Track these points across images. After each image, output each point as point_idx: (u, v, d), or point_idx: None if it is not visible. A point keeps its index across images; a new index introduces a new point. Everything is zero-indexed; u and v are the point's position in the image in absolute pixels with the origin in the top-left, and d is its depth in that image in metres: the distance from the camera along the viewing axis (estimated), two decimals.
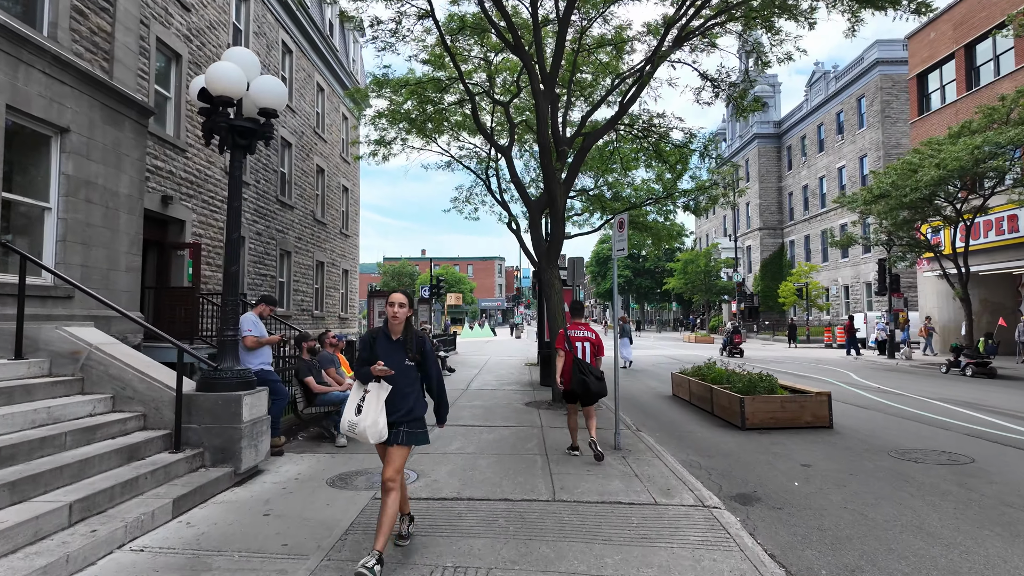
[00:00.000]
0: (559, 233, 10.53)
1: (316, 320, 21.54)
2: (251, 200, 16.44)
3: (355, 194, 27.18)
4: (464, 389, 12.99)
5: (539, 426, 8.55)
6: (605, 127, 10.27)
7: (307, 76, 21.01)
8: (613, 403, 7.58)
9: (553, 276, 10.67)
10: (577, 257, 9.61)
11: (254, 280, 16.58)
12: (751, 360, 22.62)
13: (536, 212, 11.18)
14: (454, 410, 9.90)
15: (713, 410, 9.99)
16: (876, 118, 40.16)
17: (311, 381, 7.19)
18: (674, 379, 12.69)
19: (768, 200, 53.54)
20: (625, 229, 6.99)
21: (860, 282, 41.96)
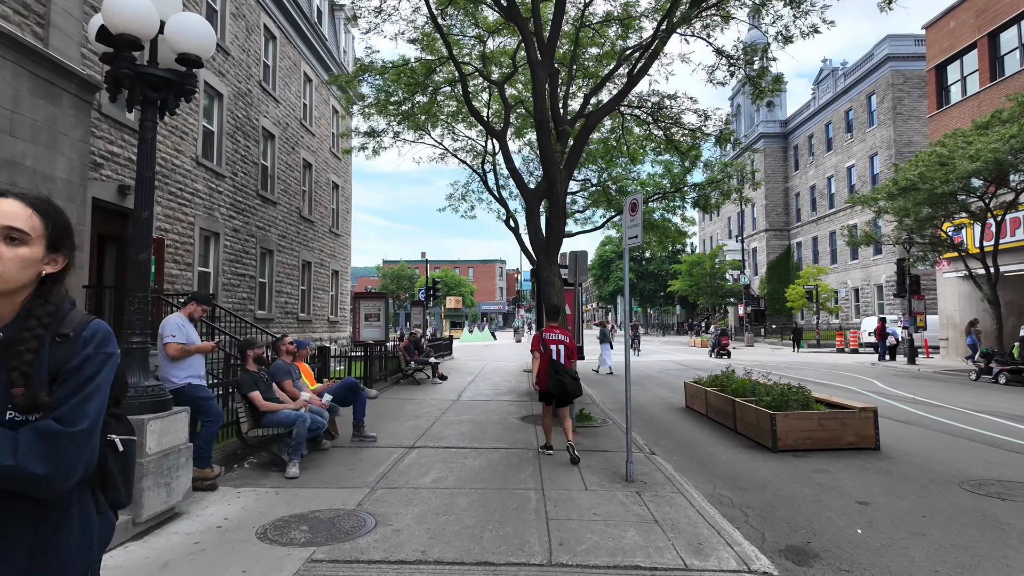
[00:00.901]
0: (559, 225, 9.28)
1: (302, 324, 20.29)
2: (227, 193, 15.21)
3: (346, 191, 25.95)
4: (454, 400, 11.71)
5: (535, 448, 7.27)
6: (612, 102, 9.01)
7: (293, 65, 19.81)
8: (625, 423, 6.30)
9: (552, 273, 9.41)
10: (579, 251, 8.36)
11: (230, 280, 15.33)
12: (763, 366, 21.30)
13: (534, 202, 9.93)
14: (438, 427, 8.63)
15: (736, 427, 8.71)
16: (887, 115, 38.92)
17: (256, 397, 5.92)
18: (688, 389, 11.40)
19: (774, 201, 52.29)
20: (639, 213, 5.74)
21: (871, 284, 40.68)
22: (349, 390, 7.36)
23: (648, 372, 19.49)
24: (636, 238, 5.79)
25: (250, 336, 6.33)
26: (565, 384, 6.65)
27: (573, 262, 8.34)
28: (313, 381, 7.50)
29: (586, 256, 8.43)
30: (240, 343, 6.31)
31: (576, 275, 8.34)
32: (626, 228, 5.93)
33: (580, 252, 8.37)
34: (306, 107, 21.25)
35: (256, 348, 6.26)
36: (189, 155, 13.51)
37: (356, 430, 7.46)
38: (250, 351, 6.17)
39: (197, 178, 13.83)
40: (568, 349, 6.91)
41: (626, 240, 5.94)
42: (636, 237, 5.78)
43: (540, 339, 6.94)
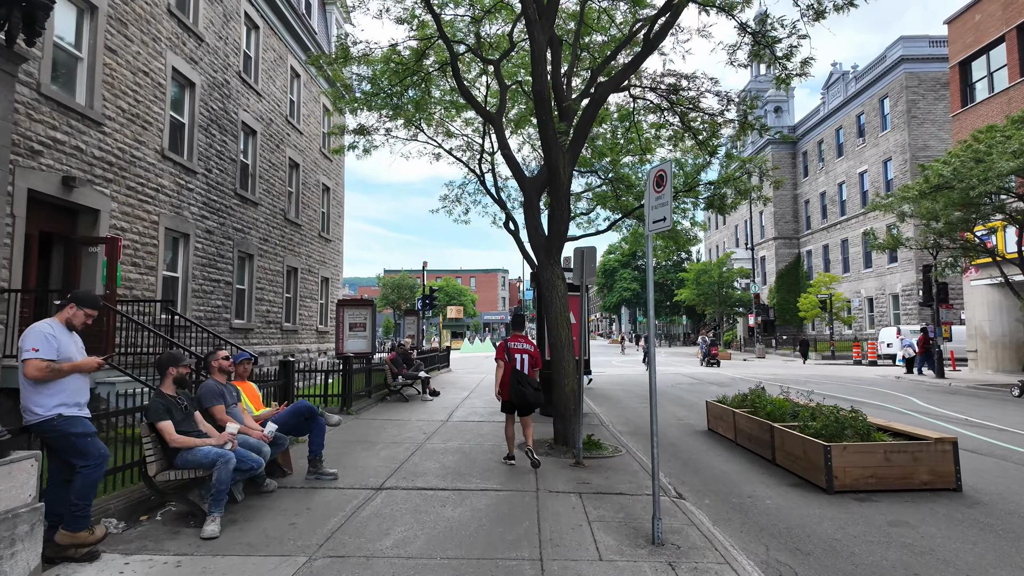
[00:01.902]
0: (562, 218, 7.90)
1: (287, 335, 18.91)
2: (199, 191, 13.88)
3: (338, 195, 24.66)
4: (443, 421, 10.28)
5: (533, 490, 5.83)
6: (627, 69, 7.63)
7: (278, 58, 18.58)
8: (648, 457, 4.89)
9: (554, 275, 8.03)
10: (586, 247, 6.97)
11: (201, 286, 13.97)
12: (779, 380, 19.82)
13: (533, 193, 8.56)
14: (418, 458, 7.20)
15: (775, 458, 7.26)
16: (901, 119, 37.62)
17: (166, 428, 4.52)
18: (711, 410, 9.96)
19: (783, 208, 50.95)
20: (666, 188, 4.37)
21: (886, 294, 39.16)
22: (302, 416, 5.95)
23: (659, 387, 18.02)
24: (664, 221, 4.41)
25: (173, 351, 4.92)
26: (526, 395, 6.74)
27: (579, 261, 6.95)
28: (259, 405, 6.10)
29: (595, 253, 7.04)
30: (160, 359, 4.92)
31: (583, 276, 6.95)
32: (649, 210, 4.56)
33: (587, 248, 6.99)
34: (293, 103, 19.99)
35: (181, 366, 4.86)
36: (153, 147, 12.19)
37: (312, 465, 6.05)
38: (172, 369, 4.78)
39: (163, 173, 12.51)
40: (532, 359, 7.02)
41: (649, 225, 4.57)
42: (664, 220, 4.40)
43: (505, 348, 6.97)
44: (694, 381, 19.54)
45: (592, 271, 6.94)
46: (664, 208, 4.40)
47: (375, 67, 14.02)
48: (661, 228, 4.45)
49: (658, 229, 4.48)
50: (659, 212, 4.45)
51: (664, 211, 4.39)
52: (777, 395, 8.74)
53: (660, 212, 4.44)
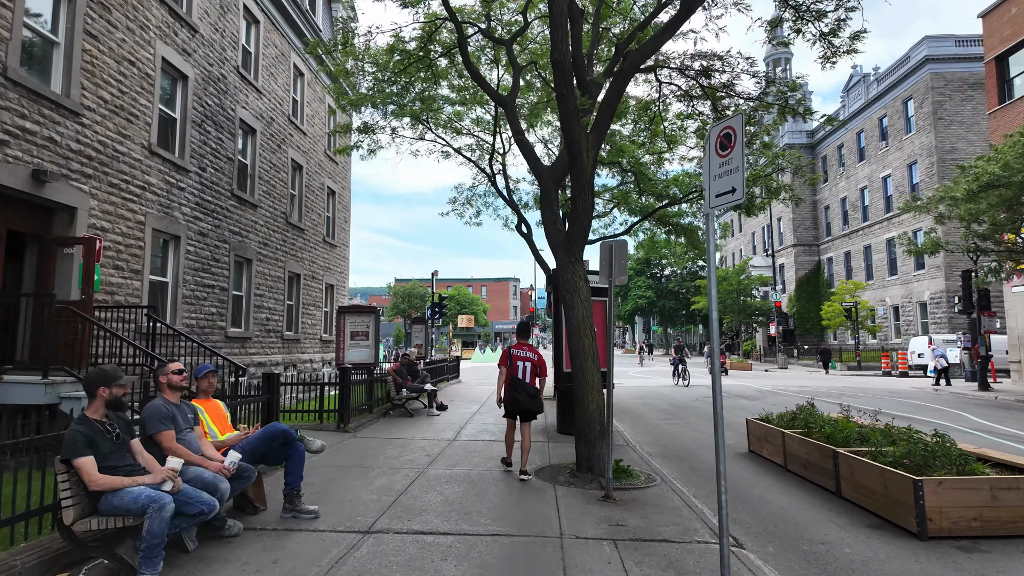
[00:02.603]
0: (584, 210, 6.85)
1: (288, 344, 17.97)
2: (191, 191, 13.00)
3: (344, 199, 23.79)
4: (449, 441, 9.22)
5: (556, 535, 4.74)
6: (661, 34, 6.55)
7: (280, 55, 17.77)
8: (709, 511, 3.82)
9: (575, 276, 6.97)
10: (616, 240, 5.93)
11: (193, 292, 13.05)
12: (809, 392, 18.56)
13: (550, 183, 7.53)
14: (418, 490, 6.13)
15: (840, 490, 6.12)
16: (927, 121, 36.29)
17: (85, 466, 3.50)
18: (753, 430, 8.81)
19: (802, 215, 49.61)
20: (737, 147, 3.32)
21: (913, 302, 37.64)
22: (275, 442, 4.92)
23: (680, 399, 16.83)
24: (733, 193, 3.36)
25: (105, 365, 3.88)
26: (520, 401, 6.77)
27: (607, 256, 5.89)
28: (226, 427, 5.07)
29: (625, 248, 5.98)
30: (87, 376, 3.90)
31: (612, 273, 5.88)
32: (711, 180, 3.52)
33: (617, 242, 5.93)
34: (296, 103, 19.17)
35: (115, 385, 3.85)
36: (139, 141, 11.32)
37: (289, 501, 5.01)
38: (103, 390, 3.76)
39: (150, 170, 11.63)
40: (535, 367, 6.95)
41: (711, 200, 3.52)
42: (733, 192, 3.35)
43: (507, 354, 7.02)
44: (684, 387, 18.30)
45: (622, 268, 5.88)
46: (733, 176, 3.35)
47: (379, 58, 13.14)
48: (729, 202, 3.40)
49: (725, 203, 3.44)
50: (725, 182, 3.40)
51: (733, 180, 3.35)
52: (834, 413, 7.59)
53: (727, 182, 3.39)
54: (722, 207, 3.52)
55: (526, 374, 6.89)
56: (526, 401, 6.78)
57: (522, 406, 6.79)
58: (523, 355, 6.97)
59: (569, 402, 9.86)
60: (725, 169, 3.45)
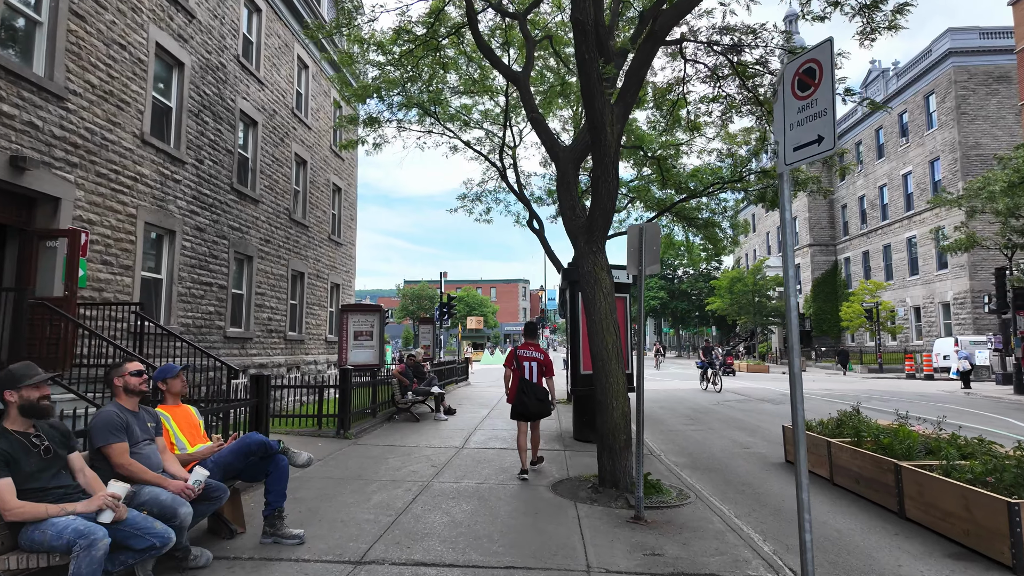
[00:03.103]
0: (608, 191, 6.11)
1: (291, 344, 17.34)
2: (188, 183, 12.39)
3: (351, 196, 23.17)
4: (458, 449, 8.50)
5: (584, 568, 4.00)
6: None
7: (283, 45, 17.17)
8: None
9: (596, 266, 6.24)
10: (647, 223, 5.19)
11: (190, 290, 12.43)
12: (835, 395, 17.68)
13: (568, 164, 6.80)
14: (423, 504, 5.40)
15: (904, 509, 5.34)
16: (950, 116, 35.20)
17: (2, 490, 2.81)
18: (790, 438, 8.00)
19: (818, 214, 48.57)
20: (823, 84, 2.59)
21: (935, 302, 36.51)
22: (252, 456, 4.22)
23: (702, 403, 16.01)
24: (820, 142, 2.61)
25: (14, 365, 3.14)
26: (528, 404, 6.81)
27: (637, 241, 5.14)
28: (197, 436, 4.37)
29: (658, 232, 5.23)
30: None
31: (643, 261, 5.14)
32: (785, 131, 2.78)
33: (649, 225, 5.18)
34: (300, 96, 18.57)
35: (25, 386, 3.13)
36: (131, 130, 10.71)
37: (270, 524, 4.30)
38: (9, 393, 3.06)
39: (142, 160, 11.02)
40: (541, 366, 6.96)
41: (786, 156, 2.78)
42: (820, 141, 2.60)
43: (514, 355, 7.06)
44: (741, 398, 17.47)
45: (655, 255, 5.13)
46: (819, 122, 2.61)
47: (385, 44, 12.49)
48: (813, 155, 2.66)
49: (807, 157, 2.70)
50: (808, 130, 2.66)
51: (819, 126, 2.60)
52: (883, 420, 6.80)
53: (810, 129, 2.65)
54: (804, 162, 2.79)
55: (533, 374, 6.91)
56: (535, 405, 6.80)
57: (530, 408, 6.81)
58: (530, 355, 6.99)
59: (587, 407, 9.13)
60: (808, 114, 2.72)
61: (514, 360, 7.01)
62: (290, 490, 5.69)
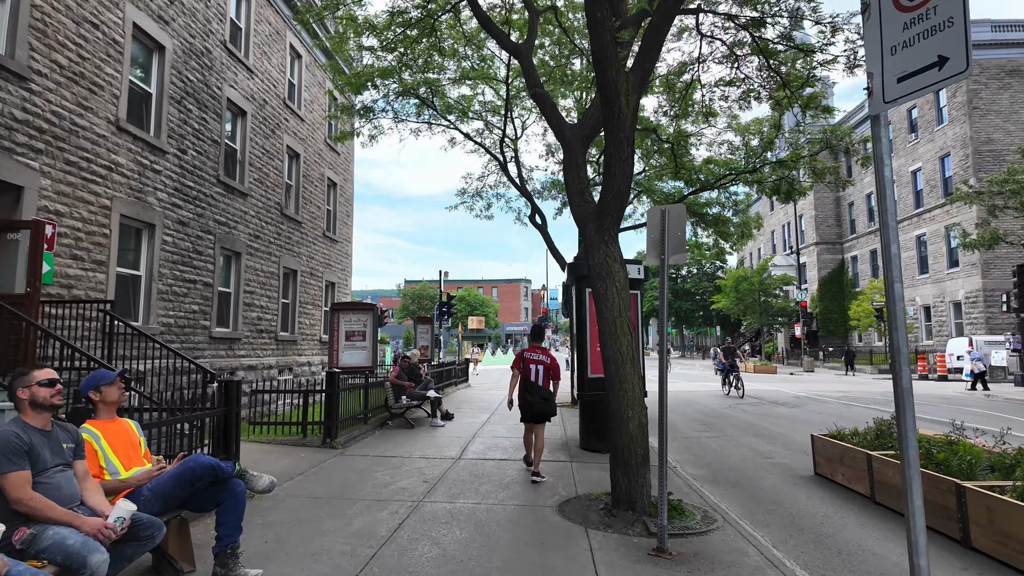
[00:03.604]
0: (622, 171, 5.37)
1: (283, 345, 16.62)
2: (169, 174, 11.67)
3: (347, 192, 22.45)
4: (454, 460, 7.76)
5: None
6: None
7: (274, 32, 16.45)
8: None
9: (608, 257, 5.51)
10: (672, 206, 4.45)
11: (172, 287, 11.70)
12: (850, 398, 16.92)
13: (576, 144, 6.06)
14: (411, 531, 4.66)
15: (969, 538, 4.60)
16: (961, 111, 34.41)
17: None
18: (821, 448, 7.26)
19: (824, 212, 47.79)
20: None
21: (946, 302, 35.72)
22: (198, 482, 3.47)
23: (712, 407, 15.25)
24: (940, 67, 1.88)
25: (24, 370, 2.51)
26: (533, 405, 6.81)
27: (659, 225, 4.41)
28: (136, 458, 3.64)
29: (683, 215, 4.49)
30: None
31: (665, 249, 4.40)
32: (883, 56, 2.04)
33: (673, 207, 4.45)
34: (293, 87, 17.85)
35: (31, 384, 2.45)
36: (104, 115, 9.98)
37: (220, 563, 3.56)
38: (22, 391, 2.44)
39: (118, 148, 10.30)
40: (547, 370, 6.99)
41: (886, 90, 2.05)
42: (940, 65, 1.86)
43: (520, 358, 7.10)
44: (753, 400, 16.71)
45: (679, 243, 4.39)
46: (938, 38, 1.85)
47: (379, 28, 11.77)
48: (934, 84, 1.93)
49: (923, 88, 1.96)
50: (917, 53, 1.86)
51: (939, 43, 1.80)
52: (928, 430, 6.05)
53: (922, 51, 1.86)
54: (917, 95, 2.06)
55: (539, 377, 6.90)
56: (539, 404, 6.80)
57: (535, 409, 6.81)
58: (536, 358, 6.99)
59: (595, 414, 8.40)
60: (921, 28, 1.98)
61: (520, 363, 7.03)
62: (261, 512, 4.97)
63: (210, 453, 5.83)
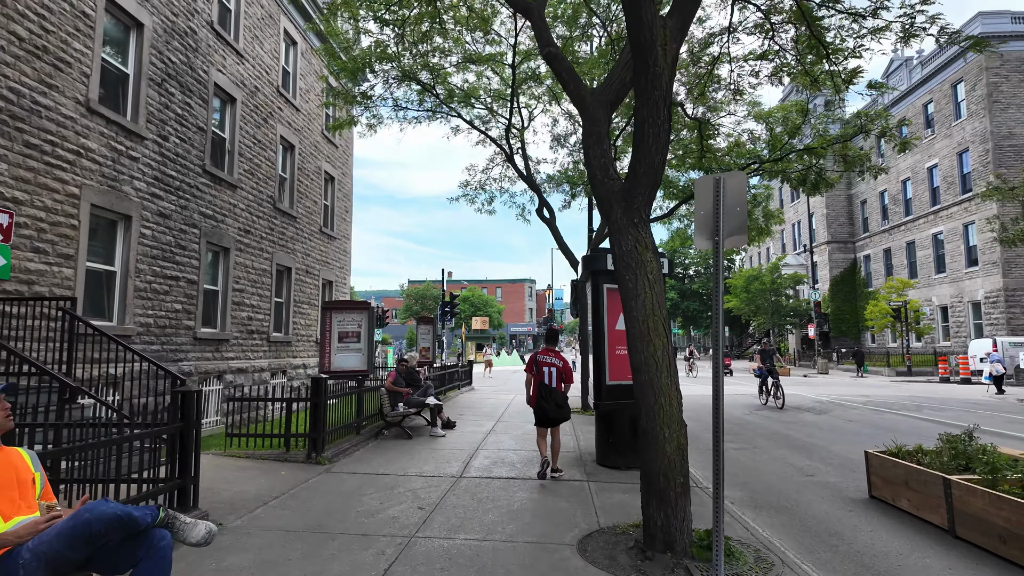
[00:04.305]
0: (657, 139, 4.43)
1: (276, 347, 15.72)
2: (148, 162, 10.78)
3: (345, 187, 21.55)
4: (455, 479, 6.82)
5: None
6: None
7: (267, 16, 15.56)
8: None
9: (639, 243, 4.57)
10: (727, 174, 3.50)
11: (151, 284, 10.81)
12: (874, 403, 15.91)
13: (599, 109, 5.11)
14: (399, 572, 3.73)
15: None
16: (980, 105, 33.33)
17: None
18: (879, 468, 6.28)
19: (836, 210, 46.71)
20: None
21: (964, 302, 34.60)
22: (99, 540, 2.54)
23: (735, 413, 14.27)
24: None
25: None
26: (547, 411, 6.97)
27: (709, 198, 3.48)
28: (29, 500, 2.71)
29: (743, 185, 3.54)
30: None
31: (718, 230, 3.45)
32: None
33: (731, 175, 3.50)
34: (288, 74, 16.96)
35: None
36: (72, 95, 9.09)
37: None
38: None
39: (88, 132, 9.40)
40: (560, 372, 7.10)
41: None
42: None
43: (534, 361, 7.22)
44: (777, 408, 15.71)
45: (739, 222, 3.43)
46: None
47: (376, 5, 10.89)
48: None
49: None
50: None
51: None
52: (1005, 447, 5.09)
53: None
54: None
55: (552, 379, 7.06)
56: (553, 411, 6.98)
57: (550, 415, 6.99)
58: (549, 361, 7.14)
59: (614, 426, 7.45)
60: None
61: (535, 366, 7.16)
62: (218, 552, 4.04)
63: (166, 476, 4.92)
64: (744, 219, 3.50)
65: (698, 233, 3.67)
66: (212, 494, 5.58)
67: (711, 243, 3.54)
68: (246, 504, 5.44)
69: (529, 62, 14.19)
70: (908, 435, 10.48)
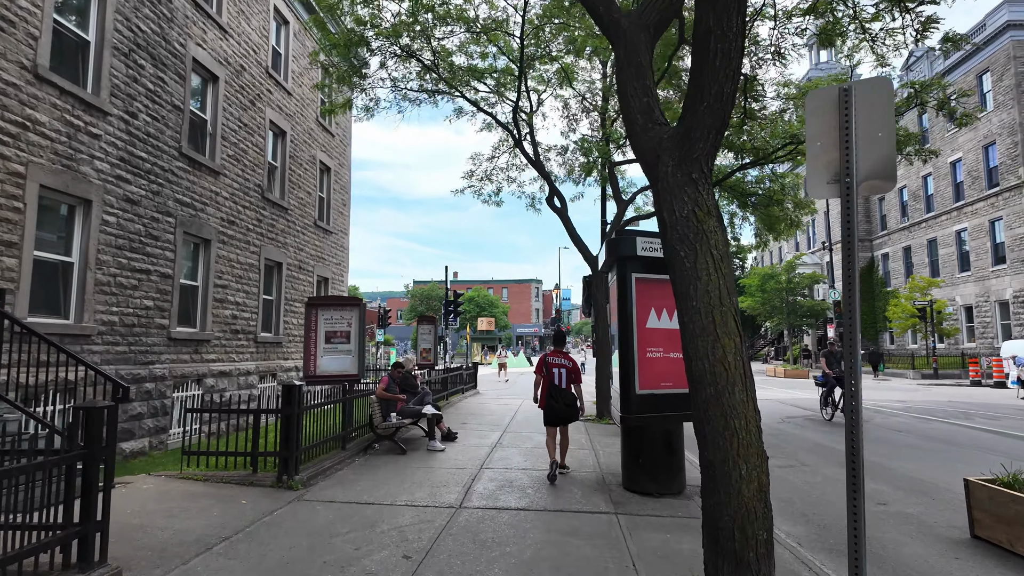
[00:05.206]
0: (726, 68, 3.19)
1: (264, 348, 14.52)
2: (113, 140, 9.59)
3: (343, 178, 20.35)
4: (453, 511, 5.56)
5: None
6: None
7: None
8: None
9: (698, 206, 3.32)
10: (858, 82, 2.27)
11: (115, 277, 9.62)
12: (913, 408, 14.54)
13: (639, 31, 3.86)
14: None
15: None
16: (1008, 95, 31.83)
17: None
18: (986, 501, 4.99)
19: None
20: None
21: (991, 301, 33.08)
22: None
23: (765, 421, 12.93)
24: None
25: None
26: (557, 411, 7.01)
27: (832, 117, 2.20)
28: None
29: (888, 97, 2.31)
30: None
31: (852, 168, 2.19)
32: None
33: (868, 82, 2.26)
34: (279, 56, 15.77)
35: None
36: (15, 59, 7.91)
37: None
38: None
39: (36, 102, 8.22)
40: (569, 373, 7.19)
41: None
42: None
43: (543, 362, 7.31)
44: (805, 412, 14.37)
45: (884, 156, 2.20)
46: None
47: None
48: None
49: None
50: None
51: None
52: None
53: None
54: None
55: (562, 380, 7.10)
56: (563, 411, 7.00)
57: (558, 415, 7.01)
58: (558, 362, 7.19)
59: (644, 443, 6.18)
60: None
61: (543, 367, 7.20)
62: None
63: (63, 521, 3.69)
64: (891, 151, 2.27)
65: (811, 174, 2.44)
66: (140, 537, 4.36)
67: (835, 187, 2.29)
68: (182, 551, 4.21)
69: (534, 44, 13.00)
70: (976, 449, 9.19)
